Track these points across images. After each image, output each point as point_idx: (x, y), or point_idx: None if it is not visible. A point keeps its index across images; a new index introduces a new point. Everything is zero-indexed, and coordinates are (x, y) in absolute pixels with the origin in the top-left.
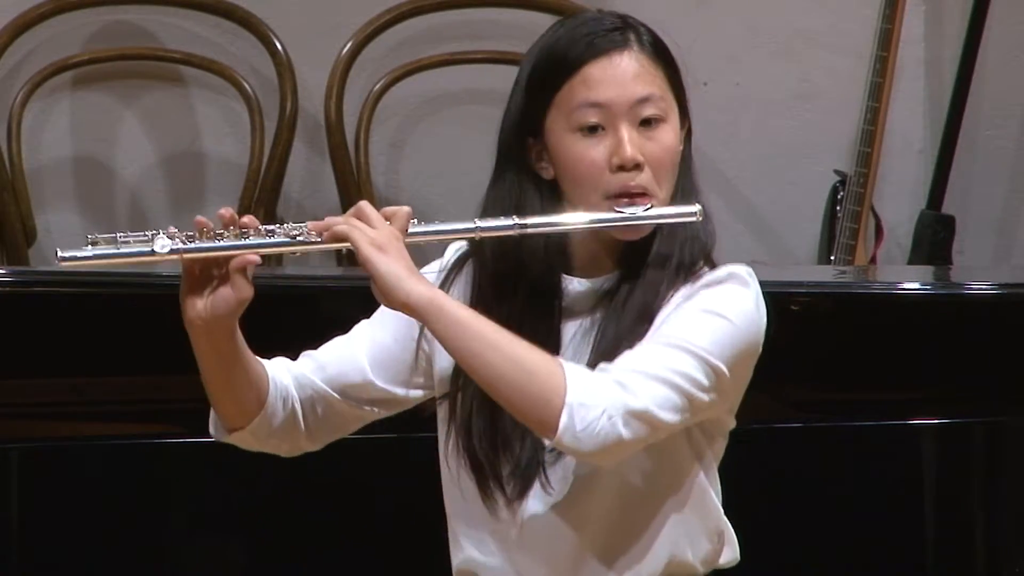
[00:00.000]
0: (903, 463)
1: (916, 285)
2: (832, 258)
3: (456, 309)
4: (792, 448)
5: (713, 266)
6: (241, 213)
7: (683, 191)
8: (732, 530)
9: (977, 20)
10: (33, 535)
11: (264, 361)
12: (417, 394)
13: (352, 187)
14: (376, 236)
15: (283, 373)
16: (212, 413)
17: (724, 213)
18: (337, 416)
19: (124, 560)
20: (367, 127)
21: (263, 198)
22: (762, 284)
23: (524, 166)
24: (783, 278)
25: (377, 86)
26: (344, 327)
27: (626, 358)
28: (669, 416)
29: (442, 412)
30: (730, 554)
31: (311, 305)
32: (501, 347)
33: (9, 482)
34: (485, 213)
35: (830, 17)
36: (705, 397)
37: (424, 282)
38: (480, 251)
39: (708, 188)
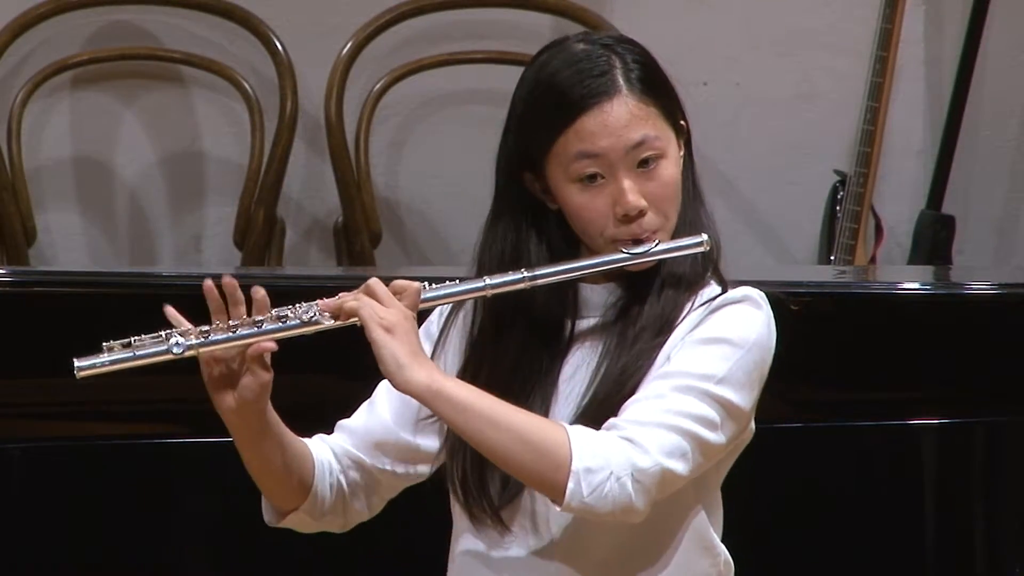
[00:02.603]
0: (903, 463)
1: (916, 285)
2: (832, 258)
3: (455, 391)
4: (792, 448)
5: (721, 278)
6: (241, 213)
7: (688, 207)
8: (728, 556)
9: (977, 20)
10: (33, 535)
11: (305, 440)
12: (436, 444)
13: (352, 187)
14: (386, 316)
15: (324, 449)
16: (264, 500)
17: (724, 213)
18: (376, 483)
19: (124, 560)
20: (367, 127)
21: (263, 198)
22: (762, 284)
23: (522, 204)
24: (783, 278)
25: (377, 86)
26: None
27: (634, 408)
28: (680, 466)
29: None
30: None
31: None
32: (503, 424)
33: (9, 482)
34: (482, 255)
35: (830, 17)
36: (717, 437)
37: (425, 367)
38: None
39: (708, 188)
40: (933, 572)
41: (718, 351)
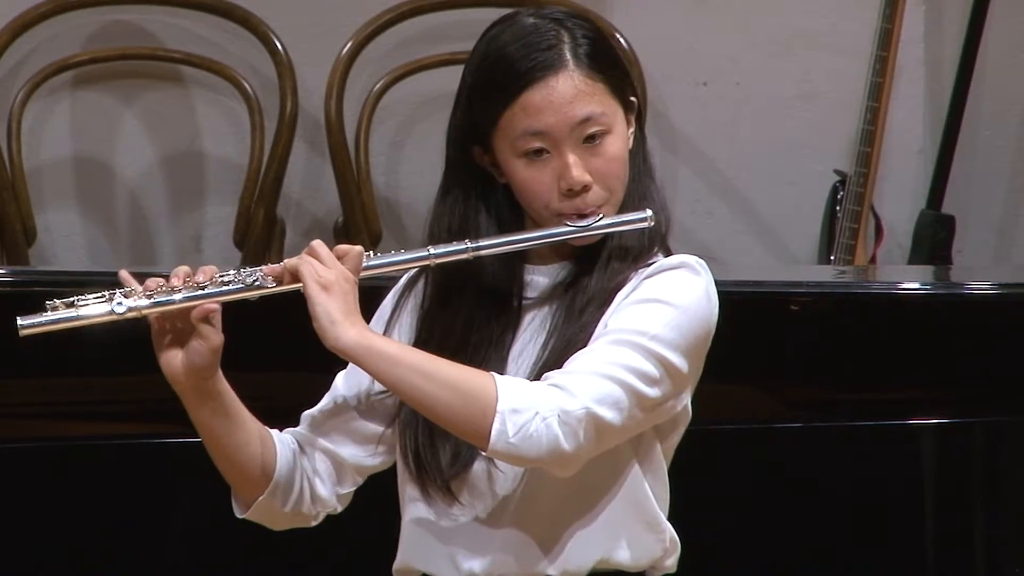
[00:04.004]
0: (903, 463)
1: (916, 285)
2: (832, 258)
3: (385, 346)
4: (792, 448)
5: (669, 252)
6: (242, 213)
7: (637, 183)
8: (674, 533)
9: (977, 20)
10: (33, 535)
11: (271, 431)
12: (392, 413)
13: (352, 187)
14: (324, 275)
15: (287, 438)
16: (232, 492)
17: (724, 213)
18: (341, 469)
19: (124, 560)
20: (367, 127)
21: (263, 198)
22: (762, 284)
23: (471, 177)
24: (783, 278)
25: (377, 86)
26: None
27: (570, 361)
28: (611, 414)
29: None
30: (670, 559)
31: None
32: (432, 374)
33: (9, 482)
34: (431, 228)
35: (830, 17)
36: (654, 391)
37: (357, 326)
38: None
39: (708, 188)
40: (933, 572)
41: (651, 309)
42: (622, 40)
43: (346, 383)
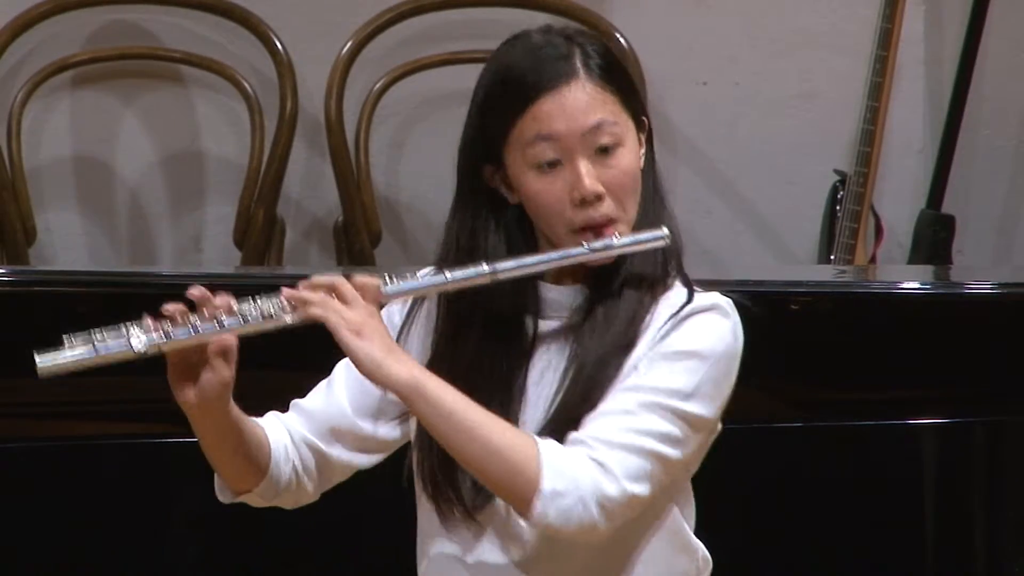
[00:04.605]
0: (903, 463)
1: (916, 285)
2: (832, 258)
3: (435, 390)
4: (792, 448)
5: (687, 279)
6: (241, 213)
7: (649, 204)
8: (704, 549)
9: (977, 20)
10: (33, 535)
11: (260, 421)
12: (395, 434)
13: (352, 187)
14: (352, 318)
15: (280, 432)
16: (216, 478)
17: (724, 213)
18: (330, 467)
19: (124, 560)
20: (367, 127)
21: (263, 198)
22: (762, 284)
23: (481, 195)
24: (783, 278)
25: (377, 86)
26: None
27: (602, 423)
28: (643, 488)
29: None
30: (704, 572)
31: None
32: (479, 437)
33: (9, 482)
34: (443, 248)
35: (830, 17)
36: (677, 452)
37: (403, 361)
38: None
39: (708, 188)
40: (933, 572)
41: (687, 365)
42: (622, 40)
43: (347, 384)
